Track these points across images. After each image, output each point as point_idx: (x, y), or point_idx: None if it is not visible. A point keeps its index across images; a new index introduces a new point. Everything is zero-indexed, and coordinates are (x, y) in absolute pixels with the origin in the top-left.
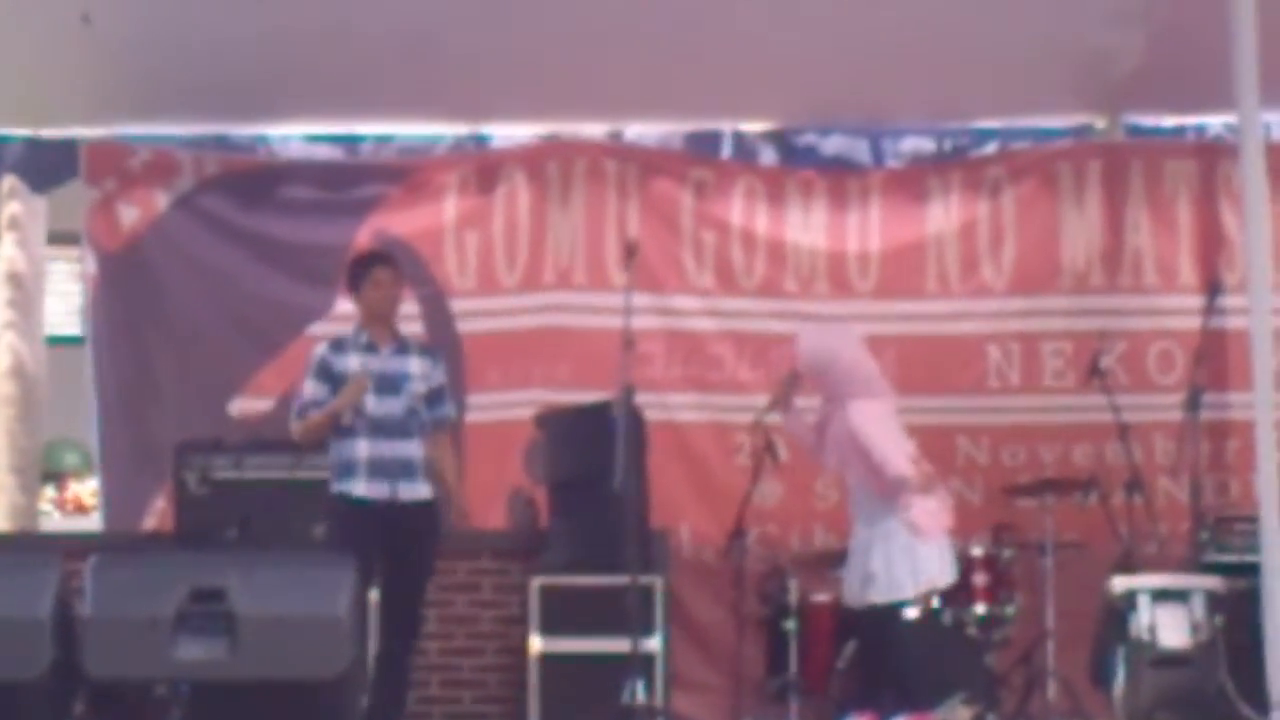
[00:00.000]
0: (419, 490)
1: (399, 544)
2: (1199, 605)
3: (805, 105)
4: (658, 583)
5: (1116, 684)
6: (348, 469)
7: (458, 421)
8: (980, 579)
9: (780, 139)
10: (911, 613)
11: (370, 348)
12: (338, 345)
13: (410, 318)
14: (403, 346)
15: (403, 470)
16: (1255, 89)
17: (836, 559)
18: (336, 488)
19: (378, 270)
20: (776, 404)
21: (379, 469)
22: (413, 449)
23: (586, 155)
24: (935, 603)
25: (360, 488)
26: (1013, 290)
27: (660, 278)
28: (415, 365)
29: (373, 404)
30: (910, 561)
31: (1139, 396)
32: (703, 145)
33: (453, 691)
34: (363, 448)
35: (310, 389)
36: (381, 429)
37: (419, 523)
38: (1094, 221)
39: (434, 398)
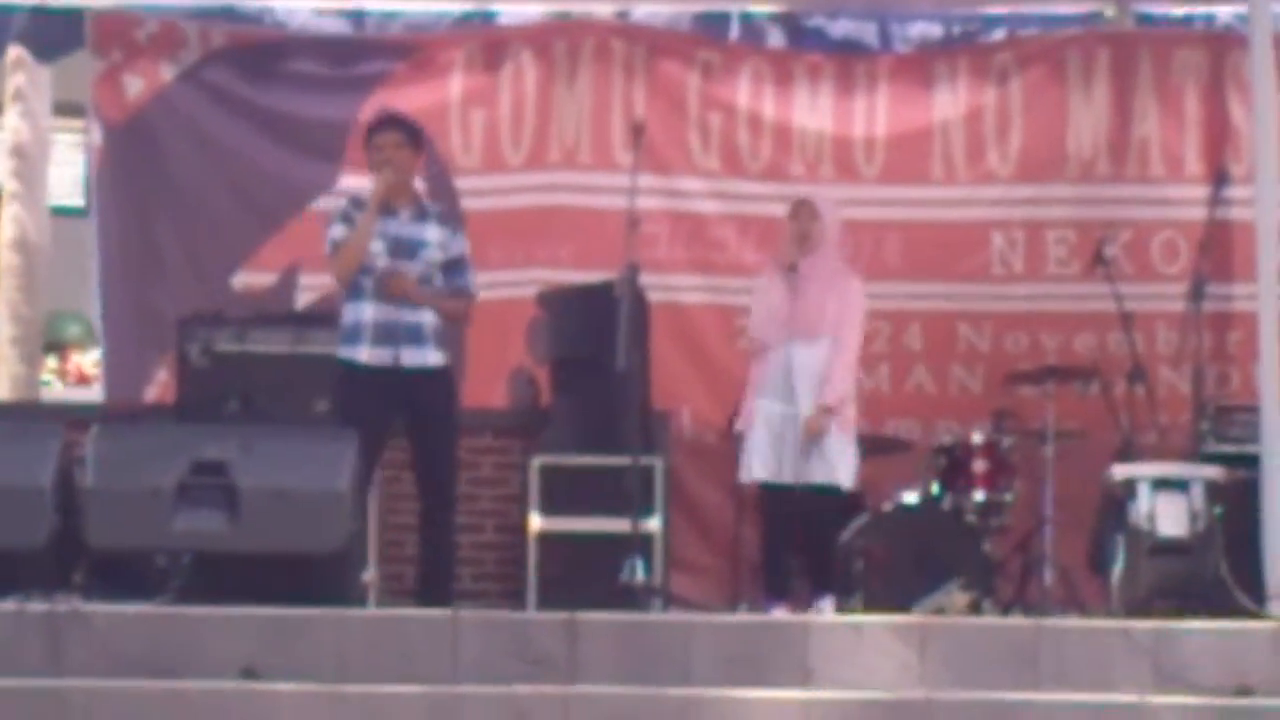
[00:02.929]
0: (426, 356)
1: (408, 413)
2: (1198, 495)
3: None
4: (658, 463)
5: (1114, 572)
6: (353, 334)
7: (475, 296)
8: (980, 466)
9: (788, 21)
10: (911, 496)
11: (388, 211)
12: (357, 202)
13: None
14: (422, 213)
15: (409, 335)
16: None
17: None
18: (342, 354)
19: (377, 135)
20: (796, 254)
21: (384, 334)
22: (423, 315)
23: (594, 35)
24: (935, 488)
25: (363, 354)
26: (1018, 178)
27: (666, 159)
28: (433, 233)
29: (386, 267)
30: (843, 448)
31: (1142, 286)
32: (710, 27)
33: None
34: (370, 311)
35: (338, 231)
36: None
37: (427, 390)
38: (1101, 110)
39: (452, 268)
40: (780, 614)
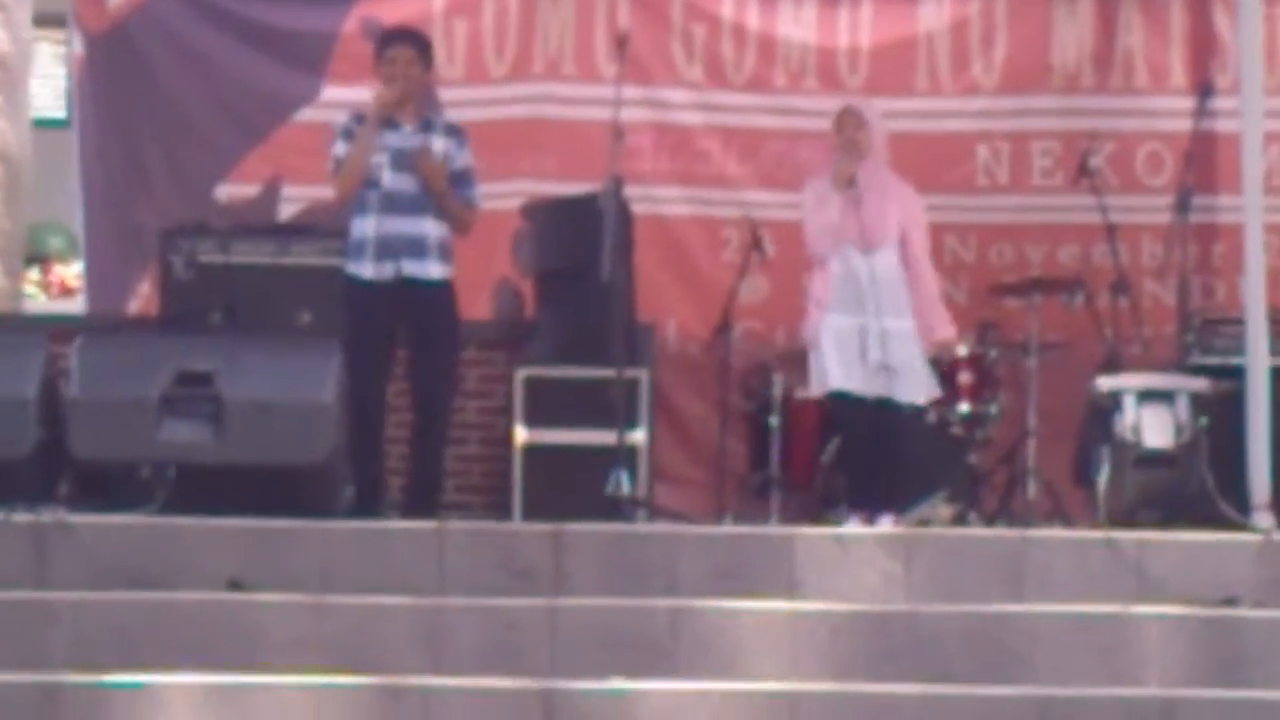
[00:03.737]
0: (428, 269)
1: (411, 327)
2: (1183, 406)
3: None
4: (643, 375)
5: (1099, 483)
6: (358, 249)
7: (476, 210)
8: (964, 378)
9: None
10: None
11: (392, 124)
12: (359, 118)
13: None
14: (426, 125)
15: (410, 248)
16: None
17: None
18: (348, 269)
19: (392, 48)
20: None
21: (386, 247)
22: (427, 227)
23: None
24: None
25: (367, 269)
26: (1003, 89)
27: (649, 70)
28: (438, 144)
29: (389, 179)
30: (925, 365)
31: (1127, 198)
32: None
33: None
34: (372, 225)
35: (339, 148)
36: (394, 205)
37: (428, 303)
38: (1085, 21)
39: (460, 179)
40: (855, 526)
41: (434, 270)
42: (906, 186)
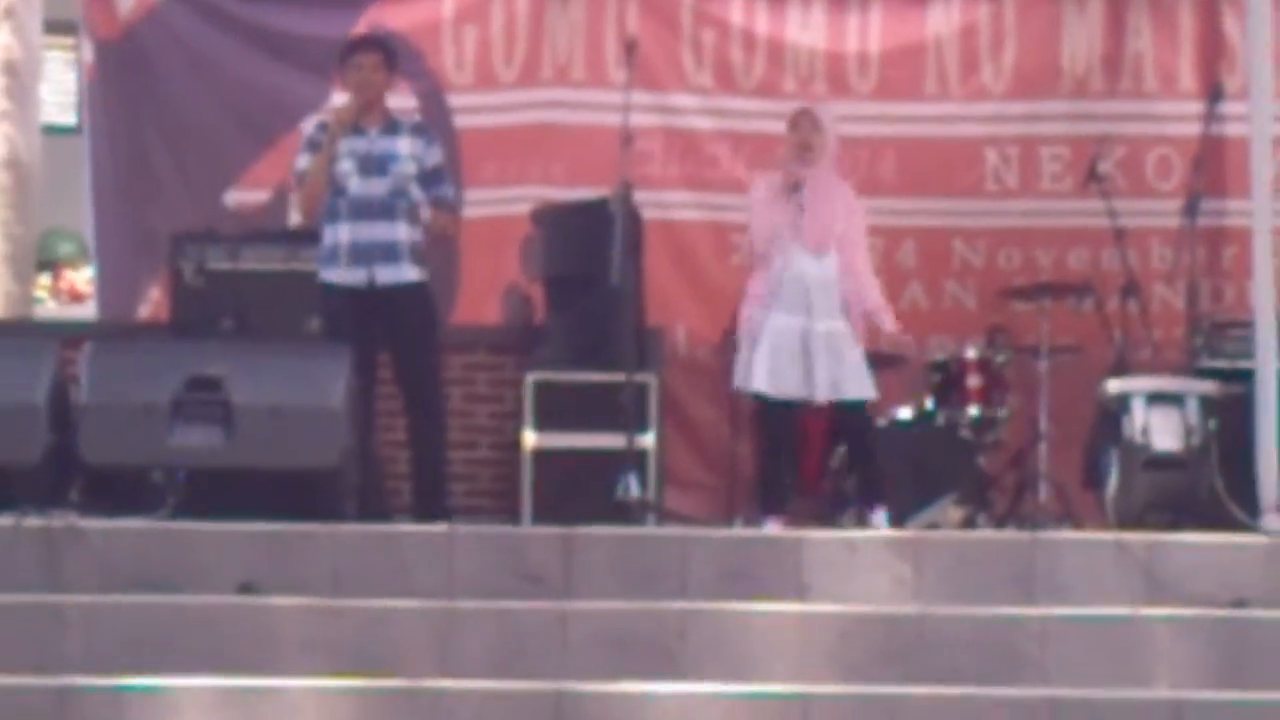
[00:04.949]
0: (402, 273)
1: (389, 330)
2: (1193, 409)
3: None
4: (652, 380)
5: (1109, 486)
6: (330, 255)
7: (457, 203)
8: (974, 381)
9: None
10: (905, 412)
11: (357, 130)
12: (323, 126)
13: (407, 111)
14: (392, 127)
15: (382, 254)
16: None
17: None
18: (321, 275)
19: (358, 55)
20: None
21: (358, 254)
22: (397, 232)
23: None
24: (929, 403)
25: (338, 274)
26: (1012, 93)
27: (659, 76)
28: (405, 145)
29: (356, 185)
30: (860, 363)
31: (1136, 202)
32: None
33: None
34: (344, 232)
35: (303, 161)
36: (364, 211)
37: (404, 306)
38: (1095, 25)
39: (430, 178)
40: (774, 529)
41: (408, 274)
42: (850, 190)
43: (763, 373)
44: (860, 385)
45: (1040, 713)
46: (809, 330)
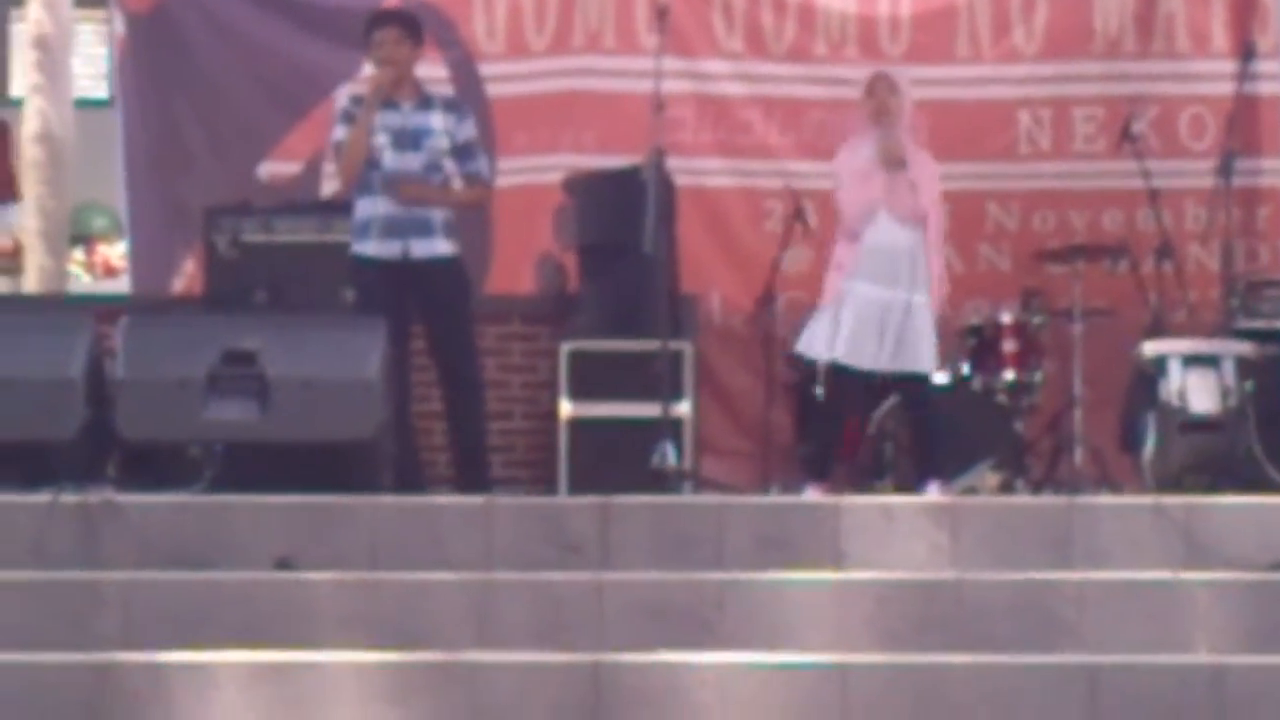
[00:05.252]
0: (436, 247)
1: (423, 303)
2: (1229, 370)
3: None
4: (687, 348)
5: (1146, 449)
6: (364, 228)
7: (490, 176)
8: (1009, 345)
9: None
10: (941, 377)
11: (390, 104)
12: (357, 100)
13: (439, 81)
14: (425, 102)
15: (416, 228)
16: None
17: None
18: (354, 249)
19: (377, 31)
20: (896, 155)
21: (392, 227)
22: (432, 207)
23: None
24: (965, 368)
25: (371, 247)
26: (1044, 55)
27: (690, 42)
28: (438, 120)
29: (391, 159)
30: (934, 336)
31: (1170, 162)
32: None
33: None
34: (380, 205)
35: (339, 132)
36: (399, 185)
37: (437, 279)
38: None
39: (463, 153)
40: (814, 495)
41: (441, 248)
42: (928, 157)
43: (844, 343)
44: (925, 358)
45: (1080, 678)
46: (893, 302)
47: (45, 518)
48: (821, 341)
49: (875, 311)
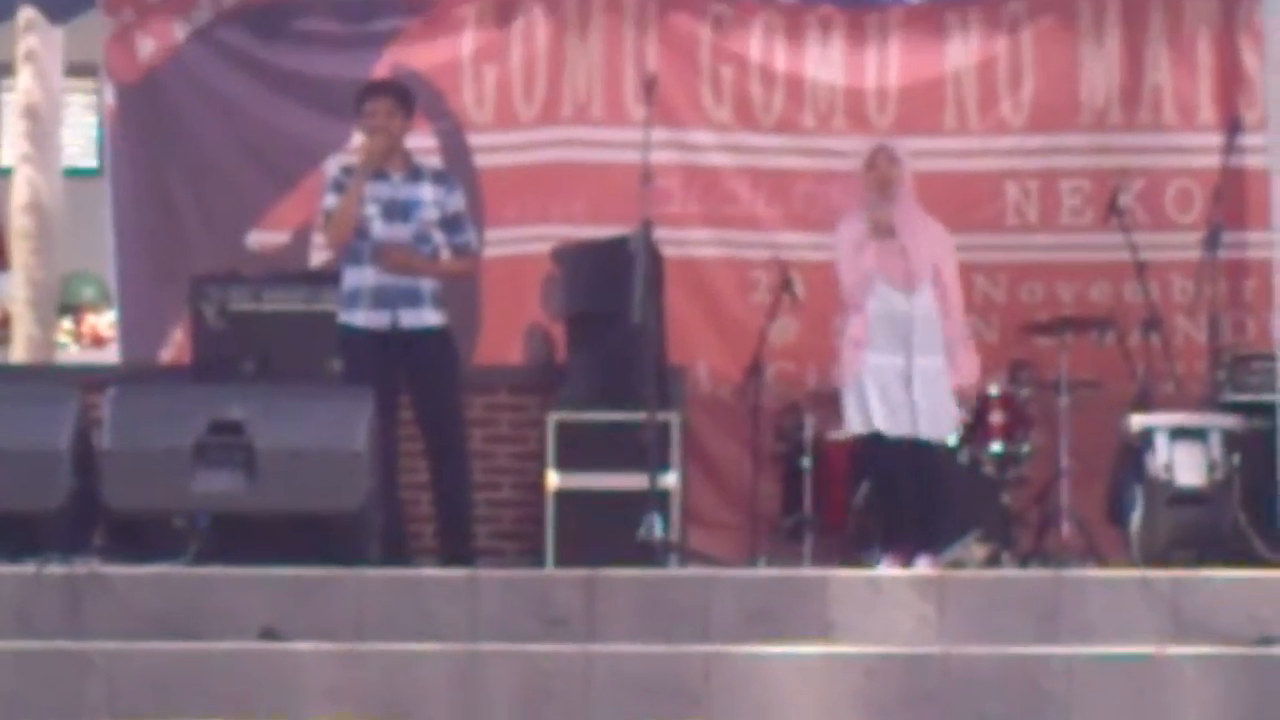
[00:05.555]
0: (424, 317)
1: (411, 374)
2: (1216, 443)
3: None
4: (674, 419)
5: (1132, 522)
6: (352, 298)
7: (478, 248)
8: (996, 417)
9: None
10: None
11: (380, 174)
12: (348, 170)
13: (427, 151)
14: (415, 173)
15: (405, 298)
16: None
17: None
18: (342, 318)
19: (368, 102)
20: (885, 223)
21: (381, 297)
22: (421, 277)
23: None
24: (952, 441)
25: (360, 317)
26: (1031, 127)
27: (678, 113)
28: (428, 192)
29: (381, 229)
30: (950, 401)
31: (1157, 235)
32: None
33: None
34: (369, 275)
35: (329, 200)
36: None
37: (427, 350)
38: (1113, 58)
39: (452, 224)
40: (890, 567)
41: (430, 318)
42: (937, 224)
43: (879, 411)
44: (942, 425)
45: None
46: (903, 367)
47: (31, 588)
48: (858, 417)
49: (891, 378)
